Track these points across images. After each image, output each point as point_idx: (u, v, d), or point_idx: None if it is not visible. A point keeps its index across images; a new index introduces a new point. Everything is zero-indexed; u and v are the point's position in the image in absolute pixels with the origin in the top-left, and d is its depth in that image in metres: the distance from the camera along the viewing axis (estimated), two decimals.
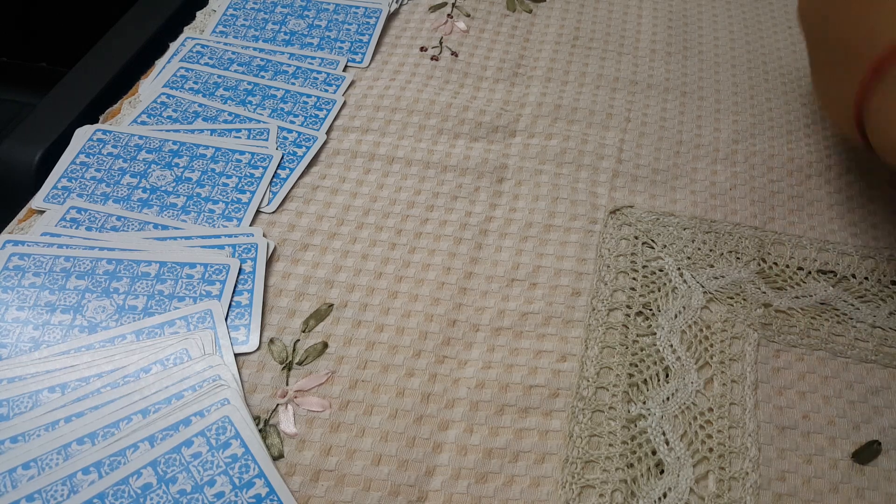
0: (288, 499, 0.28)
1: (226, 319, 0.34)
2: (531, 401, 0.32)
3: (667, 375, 0.33)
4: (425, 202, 0.40)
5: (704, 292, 0.36)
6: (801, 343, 0.34)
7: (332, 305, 0.35)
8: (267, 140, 0.42)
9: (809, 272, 0.37)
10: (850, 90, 0.27)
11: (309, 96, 0.45)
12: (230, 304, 0.34)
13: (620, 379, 0.33)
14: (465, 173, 0.41)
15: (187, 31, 0.49)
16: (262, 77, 0.46)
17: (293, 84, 0.45)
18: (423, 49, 0.49)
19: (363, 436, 0.31)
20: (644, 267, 0.37)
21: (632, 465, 0.30)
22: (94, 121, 0.43)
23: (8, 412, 0.30)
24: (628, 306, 0.35)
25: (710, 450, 0.31)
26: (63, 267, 0.35)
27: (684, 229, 0.39)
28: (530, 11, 0.52)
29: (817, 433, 0.32)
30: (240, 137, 0.42)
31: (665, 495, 0.29)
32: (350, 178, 0.41)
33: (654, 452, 0.31)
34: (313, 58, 0.47)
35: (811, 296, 0.36)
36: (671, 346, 0.34)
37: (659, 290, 0.36)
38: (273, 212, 0.39)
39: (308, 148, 0.42)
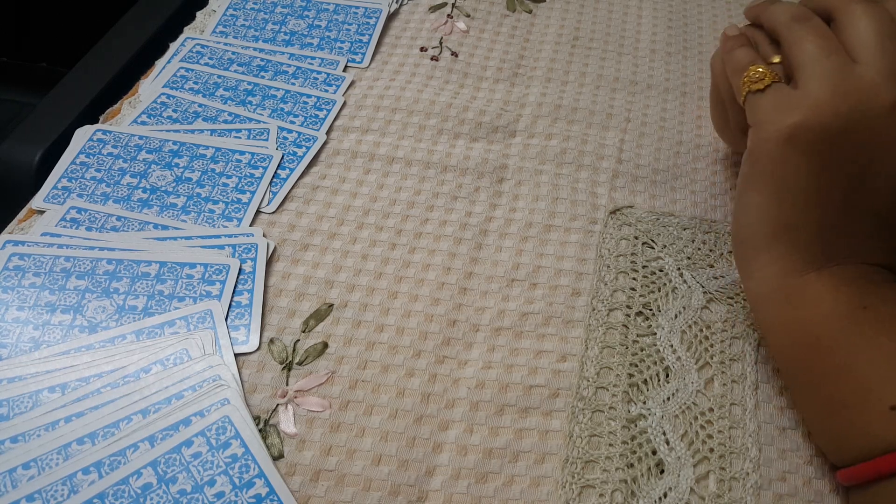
0: (288, 499, 0.28)
1: (226, 319, 0.34)
2: (531, 401, 0.32)
3: (667, 375, 0.33)
4: (425, 202, 0.40)
5: (704, 292, 0.36)
6: None
7: (332, 305, 0.35)
8: (267, 140, 0.42)
9: None
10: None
11: (309, 96, 0.45)
12: (230, 304, 0.34)
13: (620, 379, 0.33)
14: (465, 173, 0.41)
15: (187, 31, 0.49)
16: (262, 77, 0.46)
17: (293, 84, 0.45)
18: (423, 49, 0.49)
19: (363, 436, 0.31)
20: (644, 267, 0.37)
21: (632, 465, 0.30)
22: (94, 121, 0.43)
23: (8, 412, 0.30)
24: (628, 306, 0.35)
25: (711, 450, 0.31)
26: (63, 267, 0.35)
27: (684, 229, 0.39)
28: (530, 11, 0.52)
29: None
30: (240, 137, 0.42)
31: (665, 495, 0.29)
32: (350, 178, 0.41)
33: (654, 452, 0.31)
34: (313, 58, 0.47)
35: None
36: (671, 346, 0.34)
37: (659, 290, 0.36)
38: (273, 212, 0.39)
39: (308, 148, 0.42)
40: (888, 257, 0.31)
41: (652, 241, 0.38)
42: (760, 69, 0.31)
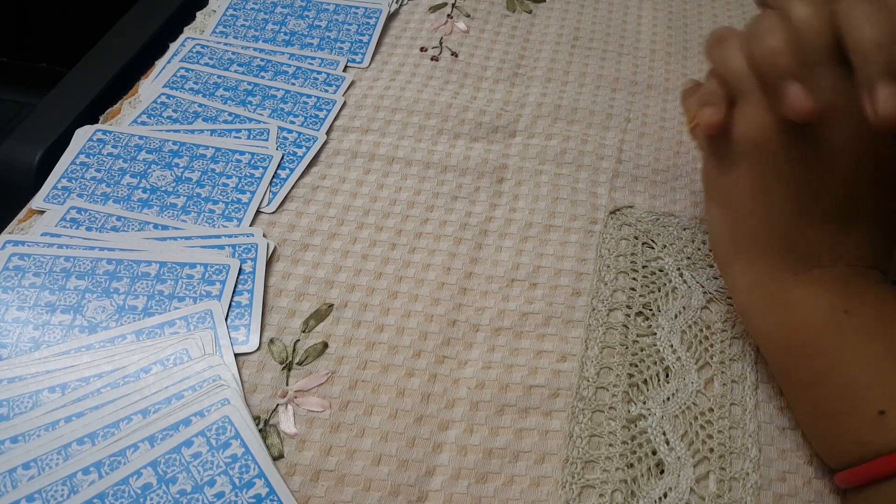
0: (288, 499, 0.28)
1: (226, 319, 0.34)
2: (531, 401, 0.32)
3: (667, 375, 0.33)
4: (425, 202, 0.40)
5: (704, 292, 0.36)
6: None
7: (332, 305, 0.35)
8: (267, 140, 0.42)
9: None
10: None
11: (309, 96, 0.45)
12: (230, 305, 0.34)
13: (620, 379, 0.33)
14: (465, 173, 0.41)
15: (187, 31, 0.49)
16: (262, 77, 0.46)
17: (293, 84, 0.45)
18: (423, 49, 0.49)
19: (363, 436, 0.31)
20: (644, 267, 0.37)
21: (632, 465, 0.30)
22: (94, 121, 0.43)
23: (8, 412, 0.30)
24: (628, 306, 0.35)
25: (711, 450, 0.31)
26: (63, 267, 0.35)
27: (684, 229, 0.39)
28: (530, 11, 0.52)
29: None
30: (240, 137, 0.42)
31: (665, 495, 0.29)
32: (350, 178, 0.41)
33: (654, 452, 0.31)
34: (313, 58, 0.47)
35: None
36: (671, 346, 0.34)
37: (659, 291, 0.36)
38: (273, 212, 0.39)
39: (308, 148, 0.42)
40: (869, 258, 0.31)
41: (652, 241, 0.38)
42: (690, 110, 0.33)
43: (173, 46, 0.47)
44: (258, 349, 0.33)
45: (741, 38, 0.30)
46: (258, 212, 0.38)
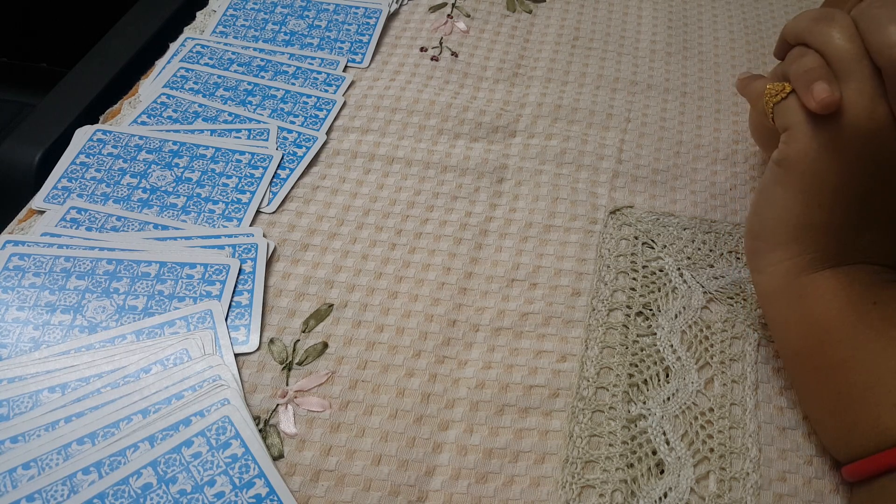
0: (288, 499, 0.28)
1: (226, 319, 0.34)
2: (531, 401, 0.32)
3: (667, 375, 0.33)
4: (425, 202, 0.40)
5: (704, 292, 0.36)
6: None
7: (332, 305, 0.35)
8: (267, 140, 0.42)
9: None
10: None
11: (309, 96, 0.45)
12: (230, 305, 0.34)
13: (620, 379, 0.33)
14: (465, 173, 0.41)
15: (187, 31, 0.49)
16: (262, 77, 0.46)
17: (293, 84, 0.45)
18: (423, 49, 0.49)
19: (363, 436, 0.31)
20: (644, 267, 0.37)
21: (632, 465, 0.30)
22: (94, 121, 0.43)
23: (8, 412, 0.30)
24: (628, 306, 0.35)
25: (711, 450, 0.31)
26: (63, 267, 0.35)
27: (684, 229, 0.39)
28: (530, 11, 0.52)
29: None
30: (240, 138, 0.42)
31: (665, 495, 0.29)
32: (350, 178, 0.41)
33: (654, 452, 0.31)
34: (313, 58, 0.47)
35: None
36: (671, 346, 0.34)
37: (659, 290, 0.36)
38: (273, 212, 0.39)
39: (308, 148, 0.42)
40: (890, 261, 0.31)
41: (652, 241, 0.38)
42: (776, 84, 0.31)
43: (173, 46, 0.47)
44: (258, 349, 0.33)
45: (851, 20, 0.29)
46: (258, 212, 0.38)
